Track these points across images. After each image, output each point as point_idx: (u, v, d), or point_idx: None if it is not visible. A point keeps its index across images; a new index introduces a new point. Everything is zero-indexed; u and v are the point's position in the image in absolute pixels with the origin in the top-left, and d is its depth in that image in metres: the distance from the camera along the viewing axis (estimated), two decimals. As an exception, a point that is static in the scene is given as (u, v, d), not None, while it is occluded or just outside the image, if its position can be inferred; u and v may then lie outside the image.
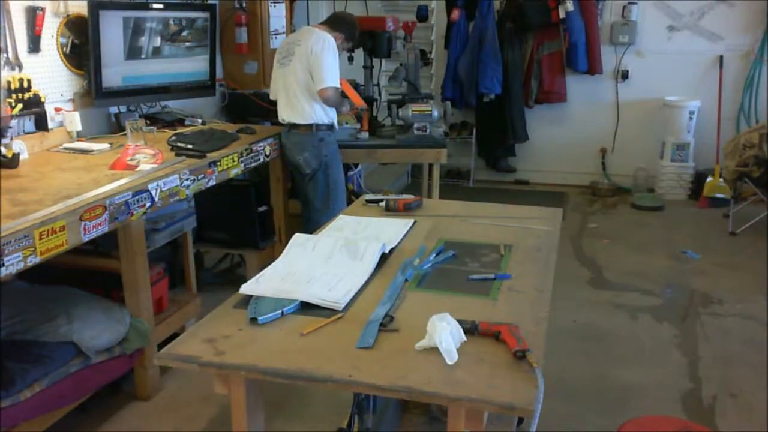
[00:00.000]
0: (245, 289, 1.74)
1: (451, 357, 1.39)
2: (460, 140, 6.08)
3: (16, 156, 2.55)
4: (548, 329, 1.61)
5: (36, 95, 2.79)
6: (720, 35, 5.58)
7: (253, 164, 3.19)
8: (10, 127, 2.58)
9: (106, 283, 2.76)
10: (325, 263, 1.90)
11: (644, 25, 5.74)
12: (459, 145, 6.06)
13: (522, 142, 6.04)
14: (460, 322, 1.53)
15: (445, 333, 1.42)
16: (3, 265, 1.82)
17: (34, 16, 2.81)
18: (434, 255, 2.00)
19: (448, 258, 2.00)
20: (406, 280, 1.83)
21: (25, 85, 2.74)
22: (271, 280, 1.79)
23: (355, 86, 3.74)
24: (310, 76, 3.25)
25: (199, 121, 3.59)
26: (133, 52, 3.21)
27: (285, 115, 3.41)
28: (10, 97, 2.66)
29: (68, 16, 3.00)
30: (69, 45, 3.03)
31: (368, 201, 2.54)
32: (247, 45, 4.21)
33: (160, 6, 3.35)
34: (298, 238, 2.05)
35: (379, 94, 4.06)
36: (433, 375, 1.36)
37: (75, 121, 2.99)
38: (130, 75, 3.22)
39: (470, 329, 1.51)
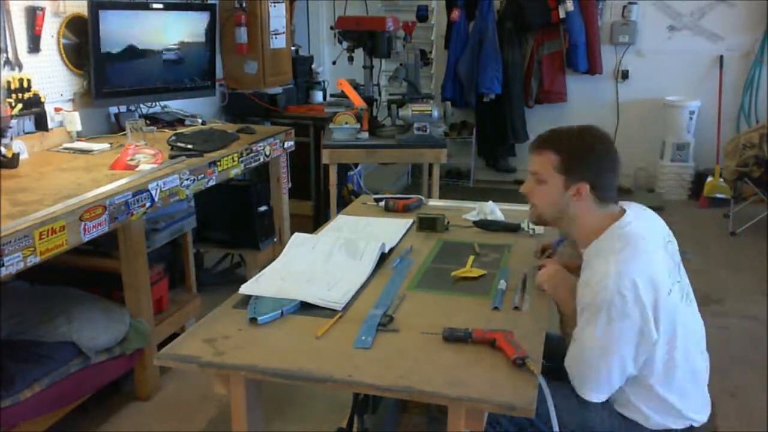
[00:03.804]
0: (245, 289, 1.74)
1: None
2: (460, 140, 6.08)
3: (16, 156, 2.54)
4: (548, 329, 1.61)
5: (36, 95, 2.78)
6: (720, 35, 5.58)
7: (253, 164, 3.19)
8: (10, 127, 2.57)
9: (106, 283, 2.75)
10: (324, 263, 1.90)
11: (644, 25, 5.74)
12: (459, 145, 6.06)
13: (522, 142, 6.03)
14: (452, 330, 1.50)
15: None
16: (3, 265, 1.82)
17: (34, 16, 2.81)
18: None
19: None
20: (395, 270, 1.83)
21: (25, 85, 2.74)
22: (271, 280, 1.79)
23: (355, 86, 3.74)
24: None
25: (199, 121, 3.59)
26: (132, 52, 3.21)
27: None
28: (10, 97, 2.66)
29: (68, 16, 3.00)
30: (69, 45, 3.03)
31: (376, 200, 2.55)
32: (247, 45, 4.20)
33: (160, 6, 3.34)
34: (297, 237, 2.05)
35: (379, 94, 4.05)
36: (433, 375, 1.36)
37: (75, 121, 2.99)
38: (130, 75, 3.22)
39: (463, 337, 1.48)
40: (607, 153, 1.63)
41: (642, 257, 1.52)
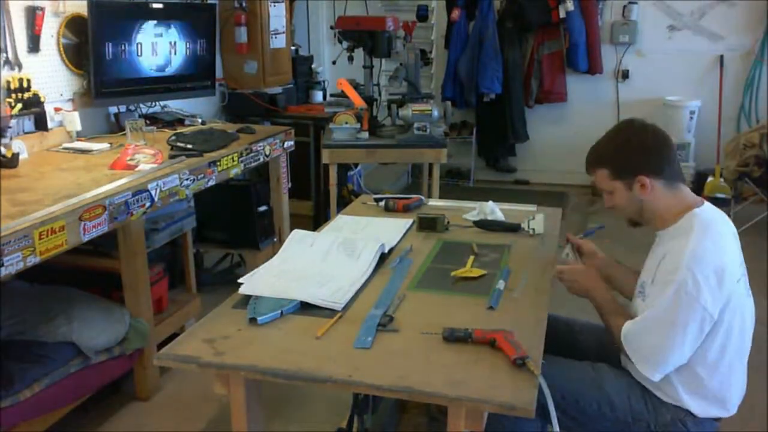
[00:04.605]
0: (243, 288, 1.74)
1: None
2: (460, 140, 6.08)
3: (15, 156, 2.54)
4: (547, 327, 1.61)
5: (35, 95, 2.78)
6: (720, 35, 5.58)
7: (253, 164, 3.19)
8: (10, 127, 2.57)
9: (106, 283, 2.75)
10: (321, 261, 1.90)
11: (644, 25, 5.73)
12: (459, 145, 6.06)
13: (522, 141, 6.04)
14: (452, 330, 1.50)
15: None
16: (3, 265, 1.82)
17: (33, 16, 2.81)
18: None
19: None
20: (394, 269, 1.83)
21: (25, 84, 2.73)
22: (267, 276, 1.79)
23: (355, 86, 3.74)
24: None
25: (199, 120, 3.59)
26: (132, 52, 3.21)
27: None
28: (10, 97, 2.65)
29: (68, 15, 3.00)
30: (69, 45, 3.03)
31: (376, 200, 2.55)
32: (247, 45, 4.20)
33: (160, 6, 3.34)
34: (296, 233, 2.05)
35: (379, 94, 4.05)
36: (433, 375, 1.36)
37: (75, 121, 2.99)
38: (130, 75, 3.22)
39: (463, 337, 1.48)
40: (643, 140, 1.73)
41: (719, 242, 1.60)
